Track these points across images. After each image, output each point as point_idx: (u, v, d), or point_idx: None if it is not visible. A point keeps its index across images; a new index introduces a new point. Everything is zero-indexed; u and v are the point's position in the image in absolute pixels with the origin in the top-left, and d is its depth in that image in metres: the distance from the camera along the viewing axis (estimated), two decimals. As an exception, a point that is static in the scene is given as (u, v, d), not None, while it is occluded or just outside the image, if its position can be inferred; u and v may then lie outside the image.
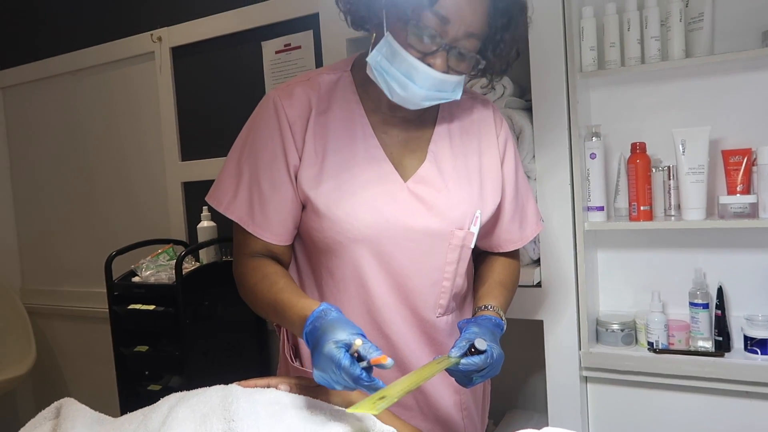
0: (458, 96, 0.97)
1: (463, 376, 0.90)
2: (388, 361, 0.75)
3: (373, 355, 0.76)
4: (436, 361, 0.88)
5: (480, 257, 1.19)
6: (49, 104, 2.78)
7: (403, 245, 0.99)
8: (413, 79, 0.92)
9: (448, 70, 0.92)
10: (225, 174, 1.03)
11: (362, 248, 0.98)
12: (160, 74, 2.40)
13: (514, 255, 1.18)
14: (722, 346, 1.44)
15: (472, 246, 1.04)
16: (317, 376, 0.79)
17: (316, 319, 0.83)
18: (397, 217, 0.98)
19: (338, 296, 1.02)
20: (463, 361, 0.87)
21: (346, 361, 0.75)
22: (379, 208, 0.98)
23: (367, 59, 0.94)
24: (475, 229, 1.03)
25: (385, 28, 0.92)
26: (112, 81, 2.57)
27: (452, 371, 0.90)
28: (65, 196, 2.78)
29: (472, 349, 0.88)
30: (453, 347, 0.89)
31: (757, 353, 1.40)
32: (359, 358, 0.77)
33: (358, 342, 0.77)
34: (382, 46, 0.92)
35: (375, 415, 0.82)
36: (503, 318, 1.01)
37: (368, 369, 0.76)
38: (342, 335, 0.78)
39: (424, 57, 0.91)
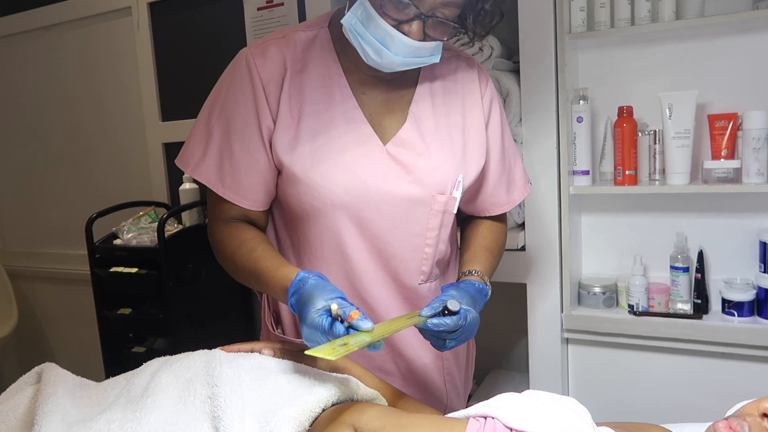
0: (437, 59, 0.94)
1: (434, 337, 0.88)
2: (365, 323, 0.75)
3: (349, 314, 0.77)
4: (407, 316, 0.87)
5: (466, 221, 1.17)
6: (24, 60, 2.67)
7: (383, 210, 0.97)
8: (388, 47, 0.88)
9: (424, 37, 0.89)
10: (194, 135, 0.99)
11: (340, 214, 0.96)
12: (138, 31, 2.31)
13: (500, 219, 1.16)
14: (700, 308, 1.47)
15: (455, 211, 1.02)
16: (311, 346, 0.78)
17: (296, 291, 0.83)
18: (375, 181, 0.95)
19: (316, 264, 1.00)
20: (433, 320, 0.85)
21: (327, 325, 0.76)
22: (357, 171, 0.95)
23: (342, 21, 0.90)
24: (457, 194, 1.00)
25: None
26: (88, 37, 2.48)
27: (424, 331, 0.88)
28: (44, 156, 2.71)
29: (446, 311, 0.86)
30: (426, 306, 0.87)
31: (734, 315, 1.43)
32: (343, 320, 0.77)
33: (334, 307, 0.77)
34: (357, 8, 0.88)
35: (359, 380, 0.82)
36: (488, 284, 0.99)
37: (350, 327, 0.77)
38: (320, 303, 0.79)
39: (399, 25, 0.87)
